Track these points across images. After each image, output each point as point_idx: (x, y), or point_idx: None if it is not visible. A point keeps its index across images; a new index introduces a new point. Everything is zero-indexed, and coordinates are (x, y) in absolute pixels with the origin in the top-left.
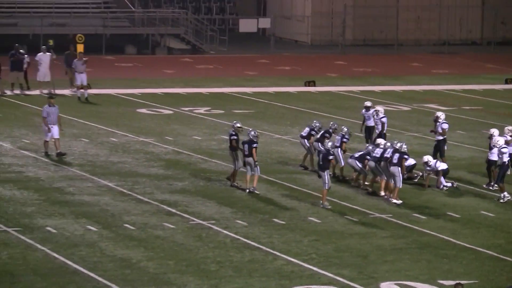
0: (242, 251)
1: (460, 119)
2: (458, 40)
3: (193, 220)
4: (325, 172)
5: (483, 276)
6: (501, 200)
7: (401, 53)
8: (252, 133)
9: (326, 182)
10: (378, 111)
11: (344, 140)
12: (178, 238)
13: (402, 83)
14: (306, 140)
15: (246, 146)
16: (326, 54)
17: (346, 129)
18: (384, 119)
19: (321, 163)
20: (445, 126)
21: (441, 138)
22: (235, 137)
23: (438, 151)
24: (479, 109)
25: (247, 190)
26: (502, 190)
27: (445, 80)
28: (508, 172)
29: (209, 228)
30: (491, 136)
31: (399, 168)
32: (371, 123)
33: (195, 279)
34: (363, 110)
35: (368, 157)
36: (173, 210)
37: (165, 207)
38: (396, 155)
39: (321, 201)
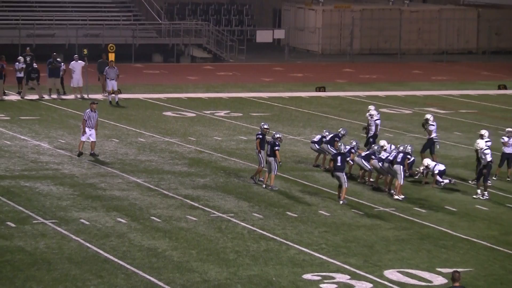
0: (258, 242)
1: (457, 121)
2: (456, 50)
3: (214, 213)
4: (343, 172)
5: (478, 265)
6: (481, 197)
7: (404, 61)
8: (277, 136)
9: (345, 181)
10: (373, 114)
11: (352, 151)
12: (200, 230)
13: (405, 89)
14: (316, 145)
15: (269, 147)
16: (336, 62)
17: (355, 143)
18: (378, 121)
19: (339, 164)
20: (431, 128)
21: (429, 137)
22: (261, 137)
23: (429, 148)
24: (474, 112)
25: (265, 187)
26: (485, 189)
27: (444, 86)
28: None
29: (228, 220)
30: (481, 137)
31: (402, 167)
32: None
33: (215, 267)
34: (368, 114)
35: (373, 156)
36: (196, 204)
37: (188, 201)
38: (400, 155)
39: (341, 198)
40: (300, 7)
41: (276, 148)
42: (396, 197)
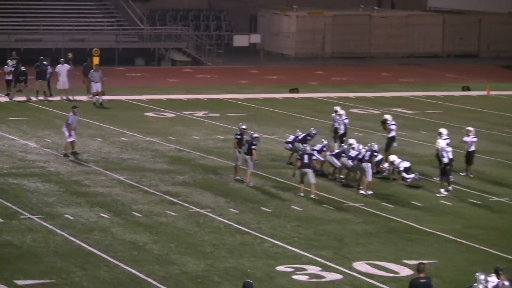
0: (234, 235)
1: (423, 121)
2: (423, 53)
3: (192, 209)
4: (311, 169)
5: (442, 257)
6: (445, 193)
7: (373, 64)
8: (255, 135)
9: (313, 176)
10: (341, 114)
11: (324, 149)
12: (179, 224)
13: (374, 90)
14: (290, 144)
15: (246, 145)
16: (309, 65)
17: (326, 142)
18: (346, 121)
19: (306, 161)
20: (393, 127)
21: (390, 135)
22: (239, 137)
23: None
24: (440, 113)
25: (247, 184)
26: (443, 186)
27: (411, 88)
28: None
29: (206, 215)
30: (440, 134)
31: (369, 164)
32: (338, 125)
33: (193, 259)
34: (334, 114)
35: (343, 154)
36: (175, 200)
37: (168, 197)
38: (368, 153)
39: (363, 190)
40: (275, 13)
41: (253, 147)
42: (362, 192)
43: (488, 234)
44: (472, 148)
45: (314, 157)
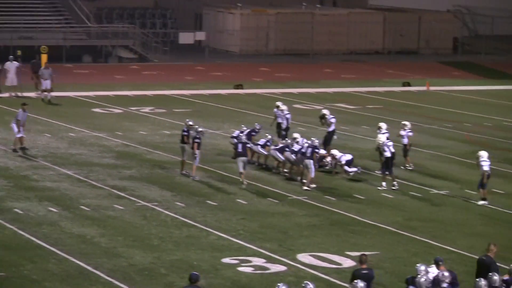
0: (181, 228)
1: (364, 116)
2: (363, 50)
3: (139, 202)
4: (246, 157)
5: (384, 248)
6: (393, 188)
7: (316, 61)
8: (200, 129)
9: (246, 164)
10: (283, 109)
11: (268, 144)
12: (126, 218)
13: (316, 86)
14: (235, 139)
15: (191, 140)
16: (253, 62)
17: (270, 136)
18: (288, 115)
19: (240, 150)
20: (333, 120)
21: (330, 130)
22: (187, 133)
23: (327, 141)
24: (380, 108)
25: (193, 178)
26: (385, 179)
27: (352, 84)
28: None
29: (153, 209)
30: (379, 128)
31: (311, 161)
32: (280, 120)
33: (140, 252)
34: (275, 109)
35: (287, 148)
36: (122, 194)
37: (115, 191)
38: (309, 149)
39: (306, 185)
40: (219, 11)
41: (196, 140)
42: (305, 187)
43: (428, 226)
44: (405, 141)
45: (248, 145)
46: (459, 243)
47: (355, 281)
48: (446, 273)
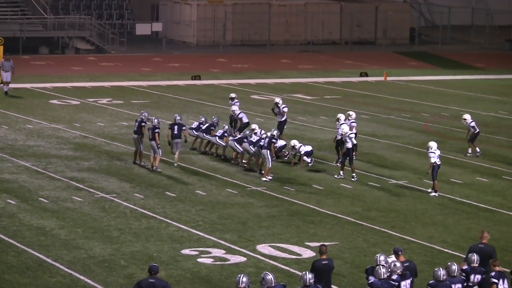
0: (140, 220)
1: (322, 106)
2: (321, 41)
3: (98, 194)
4: (181, 139)
5: (343, 238)
6: (353, 179)
7: (273, 52)
8: (156, 120)
9: (182, 146)
10: (234, 110)
11: (225, 135)
12: (85, 209)
13: (274, 77)
14: (193, 131)
15: (150, 131)
16: (210, 53)
17: (227, 127)
18: (240, 115)
19: (176, 132)
20: (286, 109)
21: (282, 119)
22: (144, 124)
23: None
24: (338, 98)
25: (152, 169)
26: (353, 171)
27: (310, 74)
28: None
29: (112, 200)
30: (338, 120)
31: (268, 151)
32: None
33: (100, 244)
34: (230, 101)
35: (245, 140)
36: (81, 186)
37: (74, 183)
38: (267, 140)
39: (264, 177)
40: (176, 2)
41: (157, 130)
42: (264, 179)
43: (387, 216)
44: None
45: (184, 128)
46: (418, 233)
47: (303, 272)
48: (398, 264)
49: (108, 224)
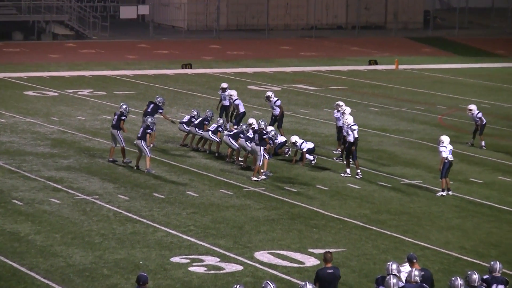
0: (125, 224)
1: (327, 98)
2: (325, 25)
3: (78, 195)
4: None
5: (350, 244)
6: (356, 177)
7: (272, 37)
8: (150, 120)
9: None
10: (232, 95)
11: (219, 130)
12: (64, 213)
13: (273, 65)
14: (184, 125)
15: (141, 129)
16: (202, 39)
17: (221, 121)
18: (237, 101)
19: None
20: (279, 103)
21: (277, 113)
22: (124, 118)
23: (276, 122)
24: (345, 89)
25: (137, 167)
26: (357, 167)
27: (313, 62)
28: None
29: (93, 202)
30: (337, 107)
31: (261, 147)
32: (226, 103)
33: (80, 250)
34: (220, 91)
35: (241, 135)
36: (59, 186)
37: (51, 183)
38: (256, 135)
39: (254, 176)
40: None
41: (148, 131)
42: (254, 178)
43: (399, 219)
44: (341, 123)
45: (199, 133)
46: (434, 238)
47: (303, 282)
48: (417, 272)
49: (89, 229)
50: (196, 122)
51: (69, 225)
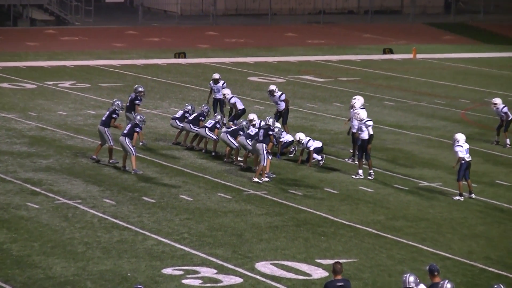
0: (111, 231)
1: (337, 90)
2: (334, 9)
3: (59, 200)
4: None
5: (362, 254)
6: (369, 177)
7: (275, 23)
8: (138, 117)
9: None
10: (225, 94)
11: (217, 126)
12: (43, 219)
13: (276, 54)
14: (177, 121)
15: (129, 126)
16: (197, 25)
17: (219, 117)
18: (233, 100)
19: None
20: (284, 97)
21: (282, 108)
22: (115, 116)
23: (281, 118)
24: (356, 80)
25: (123, 168)
26: (370, 167)
27: (321, 51)
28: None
29: (76, 207)
30: (352, 106)
31: (264, 145)
32: (219, 95)
33: (61, 261)
34: (211, 82)
35: (241, 132)
36: (38, 189)
37: (29, 186)
38: (261, 131)
39: (256, 177)
40: None
41: (137, 129)
42: (255, 179)
43: (417, 226)
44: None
45: (195, 130)
46: (455, 247)
47: None
48: (449, 285)
49: (71, 237)
50: (190, 118)
51: (48, 232)
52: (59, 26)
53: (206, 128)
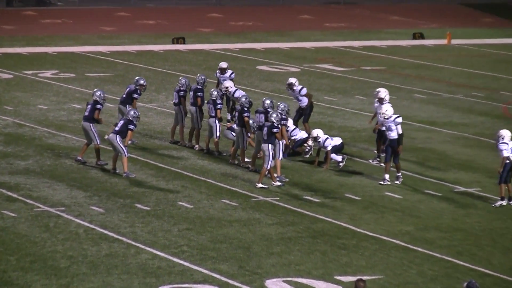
0: (99, 244)
1: (359, 81)
2: None
3: (39, 207)
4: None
5: (388, 270)
6: (396, 182)
7: (288, 4)
8: (132, 113)
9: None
10: (228, 87)
11: (218, 107)
12: (21, 229)
13: (290, 40)
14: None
15: (121, 123)
16: (198, 6)
17: (216, 93)
18: (237, 93)
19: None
20: (304, 91)
21: (304, 104)
22: (99, 107)
23: (302, 116)
24: (382, 70)
25: (114, 171)
26: (398, 170)
27: (341, 36)
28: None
29: (58, 216)
30: (380, 99)
31: (270, 145)
32: None
33: (41, 278)
34: (218, 72)
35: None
36: (14, 195)
37: (4, 191)
38: (265, 128)
39: (260, 182)
40: None
41: (131, 127)
42: (259, 185)
43: (452, 238)
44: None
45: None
46: (496, 262)
47: None
48: None
49: (53, 250)
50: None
51: (27, 244)
52: (39, 7)
53: (215, 118)
